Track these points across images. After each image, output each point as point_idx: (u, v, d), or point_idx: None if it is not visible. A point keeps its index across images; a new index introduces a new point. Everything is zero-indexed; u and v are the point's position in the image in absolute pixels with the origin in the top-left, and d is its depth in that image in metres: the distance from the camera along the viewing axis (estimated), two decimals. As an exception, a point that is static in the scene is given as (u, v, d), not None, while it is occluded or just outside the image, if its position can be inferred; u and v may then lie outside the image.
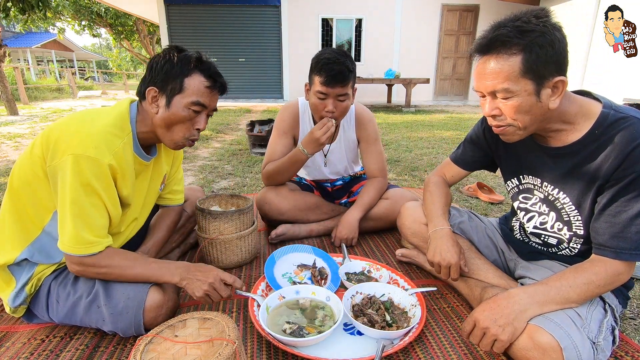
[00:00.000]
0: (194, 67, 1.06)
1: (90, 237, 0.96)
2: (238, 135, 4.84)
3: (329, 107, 1.49)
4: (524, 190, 1.12)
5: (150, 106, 1.07)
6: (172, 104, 1.05)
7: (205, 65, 1.09)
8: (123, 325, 1.00)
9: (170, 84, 1.05)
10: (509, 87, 0.84)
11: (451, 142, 4.31)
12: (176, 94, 1.05)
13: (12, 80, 11.18)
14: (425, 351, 1.03)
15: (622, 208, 0.87)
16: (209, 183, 2.74)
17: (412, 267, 1.52)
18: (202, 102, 1.08)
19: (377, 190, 1.74)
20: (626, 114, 0.88)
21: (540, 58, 0.82)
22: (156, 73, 1.06)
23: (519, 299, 0.89)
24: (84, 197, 0.94)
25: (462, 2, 9.99)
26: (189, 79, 1.06)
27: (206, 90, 1.08)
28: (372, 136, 1.77)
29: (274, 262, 1.40)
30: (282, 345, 0.98)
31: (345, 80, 1.45)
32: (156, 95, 1.06)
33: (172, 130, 1.09)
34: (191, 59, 1.07)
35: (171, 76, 1.05)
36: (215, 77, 1.10)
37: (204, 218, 1.42)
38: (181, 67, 1.05)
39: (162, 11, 9.84)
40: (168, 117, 1.06)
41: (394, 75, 8.31)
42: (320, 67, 1.45)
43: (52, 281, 1.06)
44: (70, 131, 0.96)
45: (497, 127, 0.94)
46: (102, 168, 0.95)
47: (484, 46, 0.87)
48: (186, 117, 1.07)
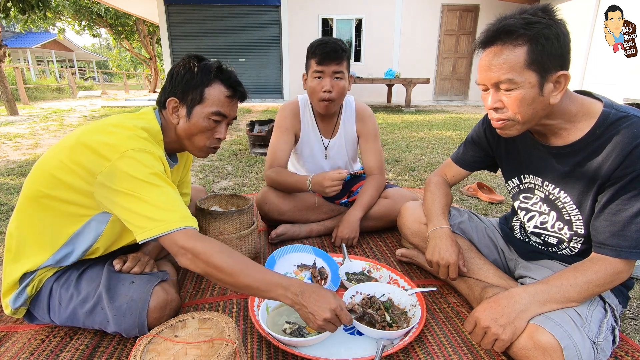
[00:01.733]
0: (215, 77, 1.06)
1: (184, 211, 0.92)
2: (238, 135, 4.84)
3: (326, 86, 1.55)
4: (525, 189, 1.12)
5: (172, 117, 1.07)
6: (193, 114, 1.06)
7: (226, 74, 1.09)
8: (127, 326, 1.00)
9: (190, 94, 1.05)
10: (513, 77, 0.84)
11: (451, 142, 4.31)
12: (197, 104, 1.05)
13: (12, 80, 11.19)
14: (425, 351, 1.03)
15: (623, 207, 0.87)
16: (209, 183, 2.74)
17: (412, 267, 1.52)
18: (223, 112, 1.08)
19: (376, 188, 1.74)
20: (627, 113, 0.88)
21: (545, 50, 0.81)
22: (176, 83, 1.06)
23: (520, 298, 0.89)
24: (158, 182, 0.92)
25: (462, 2, 9.99)
26: (209, 89, 1.06)
27: (226, 100, 1.08)
28: (372, 133, 1.79)
29: (274, 262, 1.40)
30: (282, 345, 0.98)
31: (339, 58, 1.53)
32: (177, 106, 1.07)
33: (192, 140, 1.10)
34: (212, 68, 1.06)
35: (191, 86, 1.05)
36: (236, 87, 1.10)
37: (204, 218, 1.42)
38: (201, 77, 1.05)
39: (162, 11, 9.84)
40: (189, 128, 1.07)
41: (394, 75, 8.31)
42: (314, 49, 1.55)
43: (54, 283, 1.05)
44: (108, 136, 0.94)
45: (498, 120, 0.93)
46: (157, 160, 0.96)
47: (489, 37, 0.87)
48: (207, 127, 1.08)
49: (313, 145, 1.80)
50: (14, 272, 1.01)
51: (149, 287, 1.02)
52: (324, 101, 1.59)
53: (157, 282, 1.05)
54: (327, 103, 1.60)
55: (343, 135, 1.80)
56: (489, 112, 0.95)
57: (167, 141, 1.11)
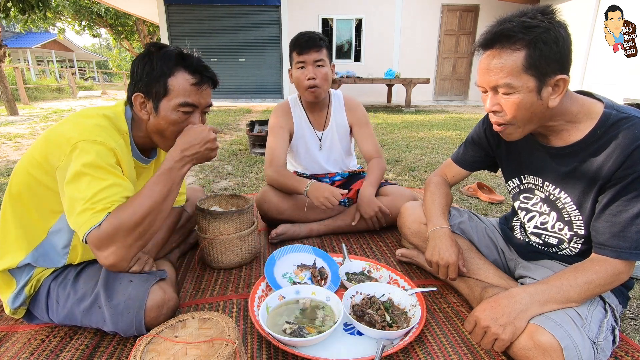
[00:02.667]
0: (176, 65, 0.98)
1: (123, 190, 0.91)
2: (238, 135, 4.83)
3: (310, 74, 1.64)
4: (525, 190, 1.12)
5: (140, 113, 1.01)
6: (160, 108, 0.99)
7: (189, 60, 0.99)
8: (124, 326, 0.99)
9: (154, 87, 0.97)
10: (511, 82, 0.84)
11: (451, 142, 4.31)
12: (162, 98, 0.98)
13: (12, 80, 11.19)
14: (425, 351, 1.03)
15: (623, 207, 0.87)
16: (209, 183, 2.74)
17: (412, 267, 1.52)
18: (191, 101, 1.00)
19: (381, 169, 1.81)
20: (628, 114, 0.88)
21: (543, 54, 0.81)
22: (138, 77, 0.98)
23: (520, 298, 0.89)
24: (100, 173, 0.89)
25: (462, 2, 9.99)
26: (173, 79, 0.97)
27: (193, 89, 1.00)
28: (362, 119, 1.88)
29: (274, 262, 1.40)
30: (282, 345, 0.98)
31: (318, 46, 1.63)
32: (143, 101, 1.00)
33: (165, 136, 1.02)
34: (172, 55, 0.98)
35: (153, 79, 0.97)
36: (202, 72, 1.01)
37: (204, 218, 1.42)
38: (162, 67, 0.97)
39: (162, 11, 9.83)
40: (158, 123, 1.00)
41: (394, 75, 8.31)
42: (294, 42, 1.66)
43: (52, 282, 1.05)
44: (69, 128, 0.94)
45: (498, 124, 0.94)
46: (110, 152, 0.92)
47: (488, 40, 0.87)
48: (177, 120, 1.00)
49: (307, 138, 1.86)
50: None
51: (147, 285, 1.02)
52: (310, 88, 1.67)
53: (155, 281, 1.05)
54: (313, 89, 1.67)
55: (335, 126, 1.86)
56: (489, 114, 0.95)
57: (140, 135, 1.06)
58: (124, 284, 1.02)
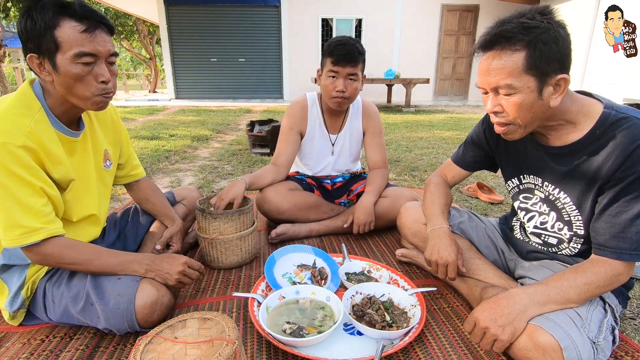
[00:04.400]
0: (58, 14, 0.89)
1: (32, 223, 0.91)
2: (238, 135, 4.84)
3: (340, 87, 1.60)
4: (525, 190, 1.12)
5: (42, 75, 0.93)
6: (58, 65, 0.90)
7: (70, 8, 0.90)
8: (116, 322, 0.99)
9: (43, 43, 0.89)
10: (512, 83, 0.84)
11: (451, 142, 4.31)
12: (56, 53, 0.90)
13: (12, 80, 11.19)
14: (425, 351, 1.03)
15: (623, 208, 0.87)
16: (209, 183, 2.73)
17: (412, 267, 1.52)
18: (88, 51, 0.91)
19: (383, 178, 1.80)
20: (627, 114, 0.88)
21: (543, 55, 0.81)
22: (25, 37, 0.90)
23: (520, 298, 0.89)
24: (9, 184, 0.87)
25: (462, 2, 9.98)
26: (59, 30, 0.89)
27: (85, 36, 0.90)
28: (377, 128, 1.86)
29: (274, 262, 1.40)
30: (282, 345, 0.98)
31: (355, 60, 1.57)
32: (40, 62, 0.92)
33: (75, 93, 0.94)
34: (49, 5, 0.89)
35: (39, 34, 0.89)
36: (90, 17, 0.91)
37: (204, 218, 1.42)
38: (43, 20, 0.88)
39: (162, 11, 9.83)
40: (63, 81, 0.92)
41: (394, 75, 8.31)
42: (332, 49, 1.58)
43: (47, 282, 1.06)
44: None
45: (499, 124, 0.94)
46: (17, 152, 0.87)
47: (488, 42, 0.87)
48: (80, 73, 0.92)
49: (318, 141, 1.84)
50: None
51: (135, 282, 1.03)
52: (336, 98, 1.64)
53: (142, 277, 1.06)
54: (339, 100, 1.65)
55: (348, 131, 1.85)
56: (490, 115, 0.95)
57: (56, 105, 0.98)
58: (112, 282, 1.02)
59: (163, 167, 3.21)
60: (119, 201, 2.36)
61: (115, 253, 1.07)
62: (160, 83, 18.50)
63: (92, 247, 1.05)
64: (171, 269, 1.08)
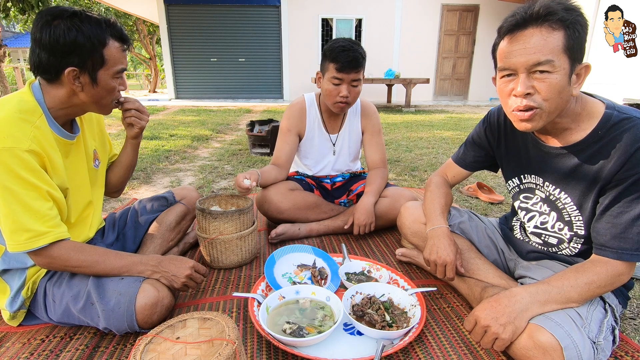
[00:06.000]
0: (107, 34, 0.99)
1: (38, 227, 0.92)
2: (238, 135, 4.84)
3: (343, 93, 1.60)
4: (525, 189, 1.12)
5: (73, 86, 0.99)
6: (99, 79, 1.00)
7: (116, 28, 1.02)
8: (116, 322, 1.00)
9: (89, 59, 0.97)
10: (554, 59, 0.81)
11: (451, 142, 4.31)
12: (99, 69, 1.00)
13: (12, 80, 11.19)
14: (425, 351, 1.03)
15: (624, 209, 0.87)
16: (209, 183, 2.73)
17: (412, 267, 1.52)
18: (124, 67, 1.06)
19: (383, 178, 1.80)
20: (629, 115, 0.88)
21: (578, 38, 0.81)
22: (65, 50, 0.94)
23: (521, 298, 0.89)
24: (16, 188, 0.89)
25: (462, 2, 9.98)
26: (107, 49, 0.99)
27: (123, 55, 1.05)
28: (376, 128, 1.86)
29: (274, 262, 1.40)
30: (282, 345, 0.98)
31: (360, 66, 1.58)
32: (77, 74, 0.98)
33: (101, 102, 1.05)
34: (101, 25, 0.98)
35: (87, 51, 0.96)
36: (125, 38, 1.05)
37: (204, 218, 1.41)
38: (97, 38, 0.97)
39: (162, 11, 9.83)
40: (98, 92, 1.02)
41: (394, 75, 8.31)
42: (335, 55, 1.55)
43: (47, 282, 1.06)
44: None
45: (526, 108, 0.87)
46: (23, 156, 0.89)
47: (524, 19, 0.83)
48: (115, 86, 1.05)
49: (317, 142, 1.84)
50: None
51: (137, 282, 1.03)
52: (339, 103, 1.64)
53: (145, 278, 1.06)
54: (343, 105, 1.65)
55: (347, 131, 1.85)
56: (514, 100, 0.89)
57: (58, 108, 1.02)
58: (115, 281, 1.03)
59: (163, 167, 3.21)
60: (118, 201, 2.36)
61: (121, 255, 1.08)
62: (160, 83, 18.48)
63: (98, 249, 1.06)
64: (178, 272, 1.10)
